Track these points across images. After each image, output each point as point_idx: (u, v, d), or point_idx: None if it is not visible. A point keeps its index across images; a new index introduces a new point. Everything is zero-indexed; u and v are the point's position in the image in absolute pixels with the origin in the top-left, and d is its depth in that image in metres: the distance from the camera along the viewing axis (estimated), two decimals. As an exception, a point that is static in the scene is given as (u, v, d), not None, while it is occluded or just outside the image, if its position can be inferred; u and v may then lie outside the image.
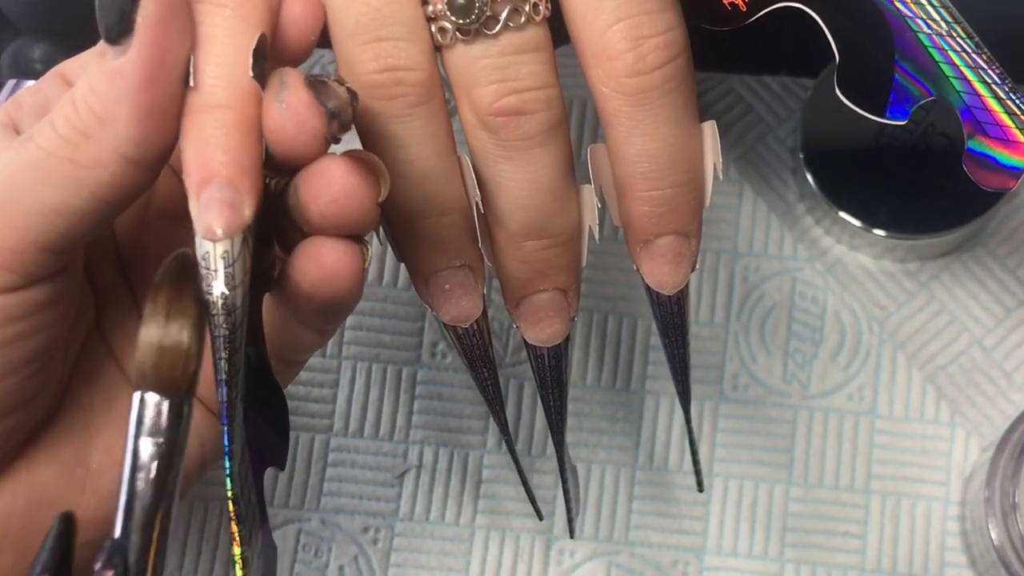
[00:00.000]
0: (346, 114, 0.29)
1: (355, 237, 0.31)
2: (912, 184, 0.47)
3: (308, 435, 0.49)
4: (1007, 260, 0.49)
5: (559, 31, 0.33)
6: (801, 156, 0.48)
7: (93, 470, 0.35)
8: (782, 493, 0.48)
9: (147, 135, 0.30)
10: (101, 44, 0.29)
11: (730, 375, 0.49)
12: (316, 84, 0.29)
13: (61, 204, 0.30)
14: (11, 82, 0.47)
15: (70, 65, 0.35)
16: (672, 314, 0.36)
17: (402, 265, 0.36)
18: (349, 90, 0.30)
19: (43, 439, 0.34)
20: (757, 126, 0.51)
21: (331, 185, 0.30)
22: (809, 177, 0.48)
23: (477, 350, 0.36)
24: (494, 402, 0.37)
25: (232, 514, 0.31)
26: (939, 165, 0.47)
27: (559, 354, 0.36)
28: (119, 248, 0.36)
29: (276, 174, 0.31)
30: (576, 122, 0.51)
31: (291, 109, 0.29)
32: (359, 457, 0.49)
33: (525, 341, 0.36)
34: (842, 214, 0.47)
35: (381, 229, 0.34)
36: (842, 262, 0.49)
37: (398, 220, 0.33)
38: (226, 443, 0.30)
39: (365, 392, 0.49)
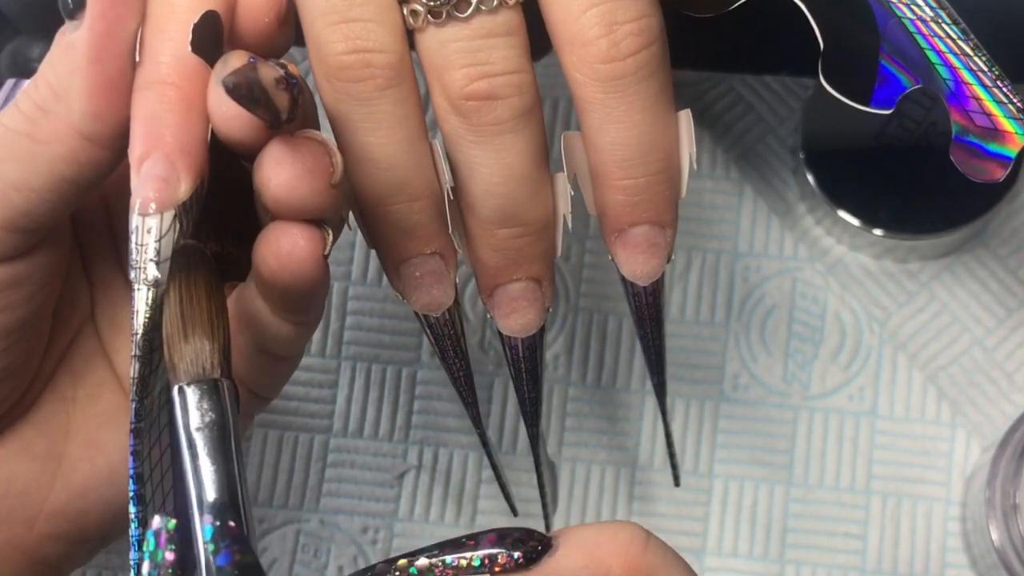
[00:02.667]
0: (260, 95, 0.28)
1: (315, 222, 0.31)
2: (913, 184, 0.47)
3: (307, 435, 0.49)
4: (1008, 260, 0.49)
5: (545, 39, 0.33)
6: (802, 156, 0.48)
7: (66, 464, 0.34)
8: (782, 494, 0.48)
9: (99, 109, 0.30)
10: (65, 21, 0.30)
11: (730, 375, 0.49)
12: (252, 65, 0.29)
13: (19, 180, 0.30)
14: (10, 81, 0.47)
15: None
16: (647, 305, 0.35)
17: None
18: (286, 73, 0.29)
19: (18, 429, 0.34)
20: (757, 126, 0.51)
21: (281, 167, 0.30)
22: (810, 177, 0.48)
23: (449, 340, 0.35)
24: (466, 394, 0.37)
25: (131, 493, 0.30)
26: (940, 165, 0.47)
27: (533, 345, 0.36)
28: (117, 243, 0.36)
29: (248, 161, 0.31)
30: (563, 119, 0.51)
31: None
32: (358, 457, 0.48)
33: (499, 332, 0.36)
34: (842, 214, 0.47)
35: (352, 214, 0.34)
36: (843, 262, 0.49)
37: (368, 206, 0.33)
38: (133, 420, 0.30)
39: (364, 392, 0.49)
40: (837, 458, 0.48)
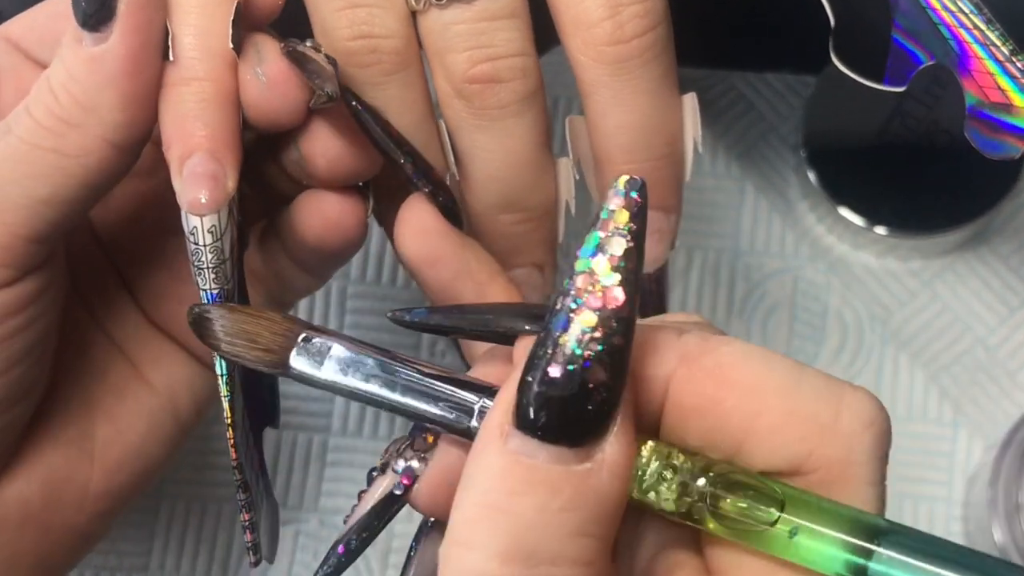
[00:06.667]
0: (333, 85, 0.30)
1: (355, 187, 0.32)
2: (915, 182, 0.47)
3: (306, 435, 0.48)
4: (1010, 258, 0.49)
5: (548, 32, 0.32)
6: (803, 154, 0.48)
7: (100, 442, 0.35)
8: (784, 493, 0.47)
9: (133, 119, 0.30)
10: (76, 29, 0.29)
11: (731, 375, 0.48)
12: (294, 54, 0.29)
13: (50, 195, 0.30)
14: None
15: (15, 26, 0.34)
16: (650, 292, 0.35)
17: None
18: (328, 56, 0.30)
19: (46, 420, 0.34)
20: (759, 124, 0.51)
21: (333, 139, 0.31)
22: (811, 175, 0.47)
23: None
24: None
25: (239, 481, 0.32)
26: (942, 163, 0.47)
27: None
28: (91, 216, 0.36)
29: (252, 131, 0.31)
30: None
31: (271, 82, 0.29)
32: (358, 457, 0.48)
33: None
34: (844, 212, 0.47)
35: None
36: (844, 261, 0.49)
37: (378, 187, 0.33)
38: (227, 415, 0.31)
39: (364, 392, 0.49)
40: (839, 458, 0.48)
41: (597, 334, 0.23)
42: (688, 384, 0.25)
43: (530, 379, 0.23)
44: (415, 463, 0.28)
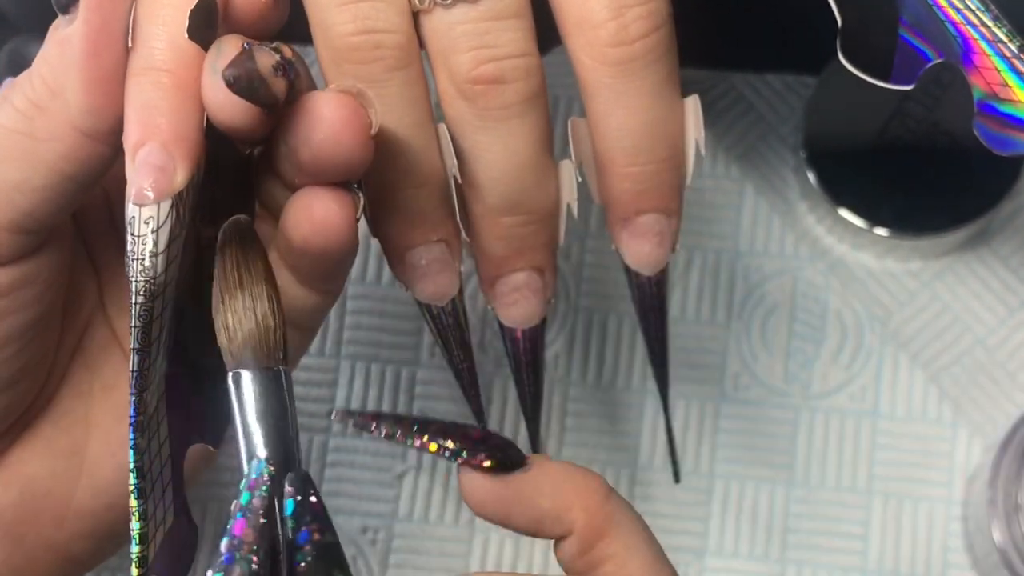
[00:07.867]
0: (260, 86, 0.29)
1: (345, 185, 0.31)
2: (915, 183, 0.47)
3: (306, 435, 0.48)
4: (1010, 259, 0.49)
5: (549, 32, 0.32)
6: (803, 154, 0.48)
7: (90, 459, 0.34)
8: (783, 494, 0.47)
9: (97, 104, 0.29)
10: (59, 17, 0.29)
11: (731, 375, 0.48)
12: (249, 53, 0.29)
13: (21, 180, 0.30)
14: (8, 80, 0.46)
15: None
16: (651, 296, 0.35)
17: None
18: (282, 58, 0.29)
19: (37, 427, 0.34)
20: (759, 124, 0.51)
21: (322, 121, 0.29)
22: (811, 176, 0.47)
23: (452, 331, 0.35)
24: (468, 387, 0.36)
25: (134, 486, 0.30)
26: (942, 164, 0.47)
27: (535, 337, 0.35)
28: (118, 229, 0.36)
29: (250, 143, 0.31)
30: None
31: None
32: (358, 457, 0.48)
33: (499, 323, 0.35)
34: (844, 213, 0.47)
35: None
36: (844, 261, 0.49)
37: (373, 191, 0.33)
38: (132, 414, 0.30)
39: (364, 392, 0.49)
40: (838, 458, 0.48)
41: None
42: None
43: None
44: None
